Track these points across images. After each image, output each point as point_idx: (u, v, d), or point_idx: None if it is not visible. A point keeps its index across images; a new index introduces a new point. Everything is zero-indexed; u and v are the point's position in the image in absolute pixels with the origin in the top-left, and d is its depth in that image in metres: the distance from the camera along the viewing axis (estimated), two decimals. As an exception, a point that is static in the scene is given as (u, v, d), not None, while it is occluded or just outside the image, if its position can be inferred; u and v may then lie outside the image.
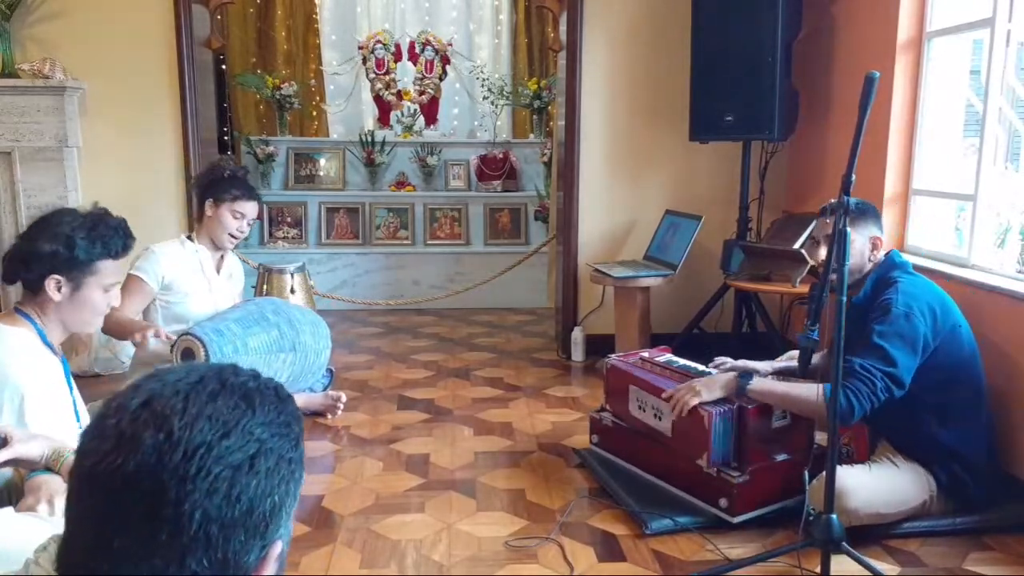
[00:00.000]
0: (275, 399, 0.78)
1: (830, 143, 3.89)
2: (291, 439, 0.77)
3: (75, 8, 4.06)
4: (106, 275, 1.91)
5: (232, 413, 0.73)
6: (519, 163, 6.26)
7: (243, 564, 0.72)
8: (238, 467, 0.71)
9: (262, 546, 0.73)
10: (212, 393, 0.74)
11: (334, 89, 6.86)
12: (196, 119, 4.20)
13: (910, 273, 2.44)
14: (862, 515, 2.28)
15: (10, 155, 3.99)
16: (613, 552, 2.30)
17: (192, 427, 0.70)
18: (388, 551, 2.31)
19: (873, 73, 1.94)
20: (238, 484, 0.70)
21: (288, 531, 0.78)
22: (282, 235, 5.91)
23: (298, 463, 0.77)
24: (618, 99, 4.25)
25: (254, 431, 0.73)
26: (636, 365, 2.81)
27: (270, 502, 0.73)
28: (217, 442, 0.70)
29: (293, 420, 0.78)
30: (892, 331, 2.29)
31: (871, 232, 2.45)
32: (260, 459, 0.72)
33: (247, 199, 3.15)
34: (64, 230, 1.84)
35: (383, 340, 4.82)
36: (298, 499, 0.79)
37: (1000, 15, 2.85)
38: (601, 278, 4.02)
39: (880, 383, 2.24)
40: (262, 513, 0.72)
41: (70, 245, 1.83)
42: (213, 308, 3.16)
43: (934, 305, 2.36)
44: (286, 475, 0.75)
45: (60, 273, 1.84)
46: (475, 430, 3.29)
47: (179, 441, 0.69)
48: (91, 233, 1.87)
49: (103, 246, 1.88)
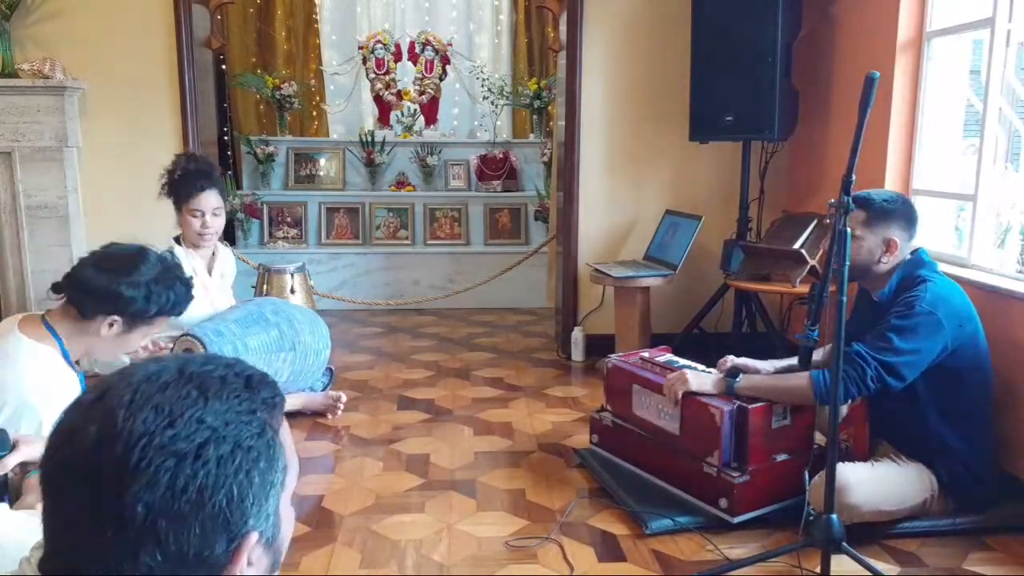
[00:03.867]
0: (242, 388, 0.74)
1: (830, 143, 3.89)
2: (254, 425, 0.73)
3: (75, 8, 4.06)
4: (158, 327, 1.97)
5: (180, 402, 0.70)
6: (519, 163, 6.25)
7: (209, 558, 0.69)
8: (183, 456, 0.67)
9: (229, 539, 0.70)
10: (163, 384, 0.71)
11: (334, 89, 6.86)
12: (196, 119, 4.20)
13: (937, 273, 2.41)
14: (863, 511, 2.28)
15: (10, 155, 3.99)
16: (613, 552, 2.30)
17: (135, 417, 0.68)
18: (388, 551, 2.31)
19: (873, 73, 1.94)
20: (183, 474, 0.67)
21: (271, 524, 0.74)
22: (282, 235, 5.91)
23: (264, 452, 0.73)
24: (618, 99, 4.25)
25: (204, 419, 0.70)
26: (638, 365, 2.81)
27: (225, 492, 0.69)
28: (160, 432, 0.68)
29: (261, 406, 0.75)
30: (907, 326, 2.27)
31: (888, 234, 2.38)
32: (209, 448, 0.69)
33: (197, 194, 3.06)
34: (145, 279, 1.86)
35: (383, 340, 4.82)
36: (277, 488, 0.75)
37: (1000, 15, 2.85)
38: (601, 278, 4.02)
39: (871, 371, 2.24)
40: (216, 504, 0.68)
41: (148, 298, 1.86)
42: (212, 310, 3.16)
43: (960, 311, 2.33)
44: (245, 464, 0.71)
45: (122, 316, 1.86)
46: (475, 430, 3.29)
47: (120, 432, 0.67)
48: (169, 291, 1.90)
49: (173, 304, 1.93)
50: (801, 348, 2.18)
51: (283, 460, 0.76)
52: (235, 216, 5.75)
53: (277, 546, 0.77)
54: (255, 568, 0.74)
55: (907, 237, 2.42)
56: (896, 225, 2.39)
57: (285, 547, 0.80)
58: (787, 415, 2.44)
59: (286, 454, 0.78)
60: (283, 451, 0.77)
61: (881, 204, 2.39)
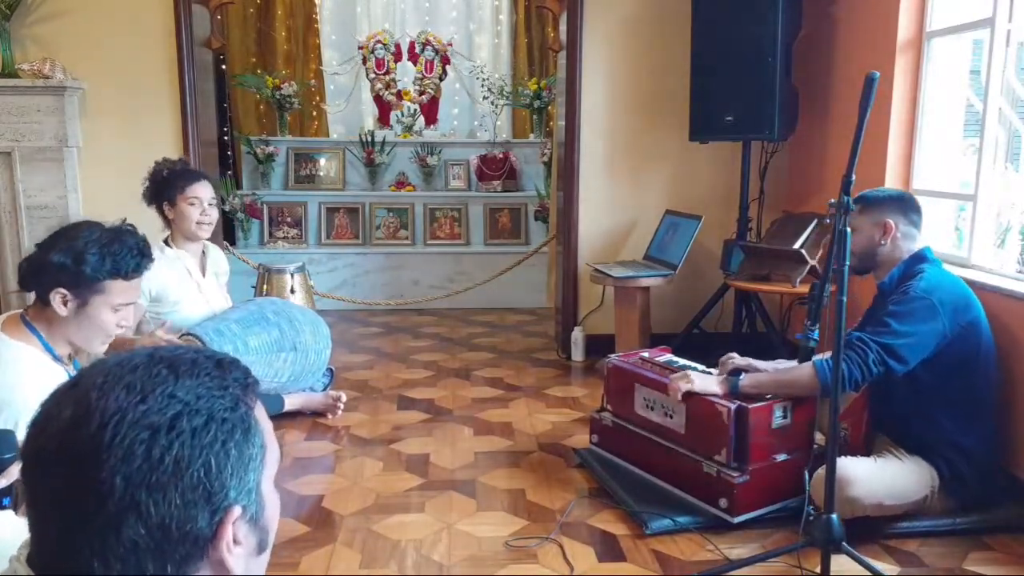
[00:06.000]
0: (212, 367, 0.76)
1: (830, 143, 3.89)
2: (227, 400, 0.74)
3: (75, 8, 4.06)
4: (115, 295, 1.84)
5: (151, 380, 0.71)
6: (519, 163, 6.26)
7: (191, 532, 0.70)
8: (156, 429, 0.69)
9: (212, 511, 0.71)
10: (134, 366, 0.73)
11: (334, 89, 6.86)
12: (196, 119, 4.20)
13: (938, 268, 2.47)
14: (865, 505, 2.28)
15: (10, 155, 4.00)
16: (613, 552, 2.30)
17: (107, 397, 0.70)
18: (388, 551, 2.31)
19: (873, 73, 1.95)
20: (158, 446, 0.68)
21: (253, 500, 0.75)
22: (282, 235, 5.91)
23: (239, 424, 0.74)
24: (618, 99, 4.25)
25: (176, 394, 0.71)
26: (638, 365, 2.81)
27: (202, 463, 0.70)
28: (132, 407, 0.69)
29: (233, 384, 0.76)
30: (903, 310, 2.33)
31: (882, 217, 2.46)
32: (183, 420, 0.70)
33: (194, 182, 3.11)
34: (78, 244, 1.78)
35: (383, 340, 4.82)
36: (257, 463, 0.75)
37: (1000, 15, 2.85)
38: (601, 278, 4.02)
39: (873, 354, 2.27)
40: (195, 475, 0.69)
41: (79, 260, 1.77)
42: (209, 310, 3.15)
43: (956, 297, 2.39)
44: (220, 435, 0.72)
45: (66, 288, 1.78)
46: (475, 430, 3.29)
47: (94, 411, 0.69)
48: (104, 249, 1.80)
49: (113, 264, 1.81)
50: (801, 348, 2.18)
51: (261, 438, 0.77)
52: (235, 216, 5.76)
53: (263, 525, 0.78)
54: (243, 547, 0.74)
55: (905, 222, 2.48)
56: (889, 209, 2.47)
57: (272, 528, 0.80)
58: (787, 414, 2.45)
59: (263, 434, 0.78)
60: (260, 428, 0.77)
61: (873, 195, 2.51)
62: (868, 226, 2.47)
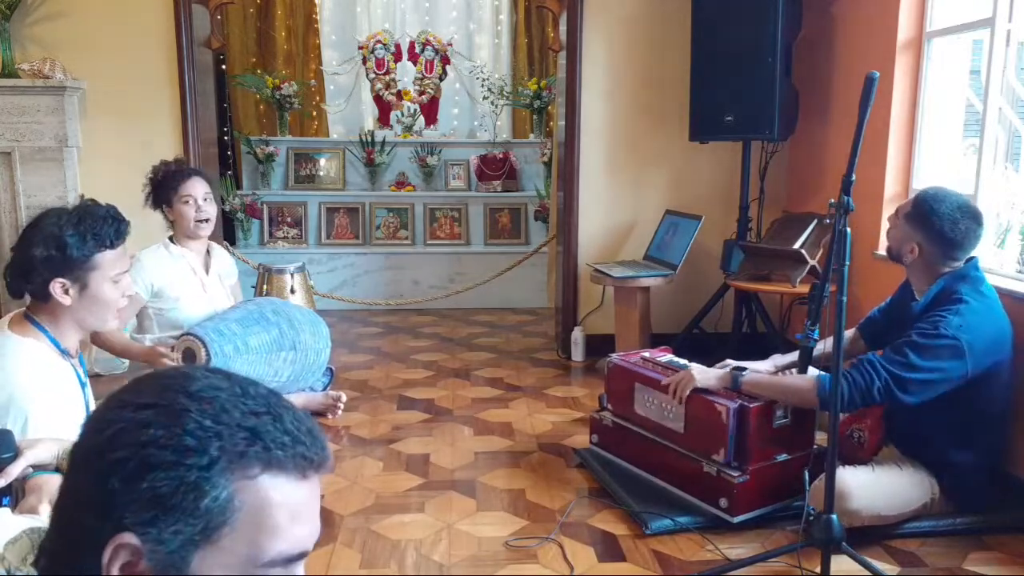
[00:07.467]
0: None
1: (830, 143, 3.89)
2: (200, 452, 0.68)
3: (75, 8, 4.06)
4: (109, 267, 1.84)
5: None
6: (519, 163, 6.25)
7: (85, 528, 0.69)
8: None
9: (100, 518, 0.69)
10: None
11: (334, 89, 6.86)
12: (196, 119, 4.20)
13: (980, 293, 2.30)
14: (863, 516, 2.28)
15: (10, 155, 3.99)
16: (613, 552, 2.30)
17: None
18: (388, 551, 2.31)
19: (873, 73, 1.94)
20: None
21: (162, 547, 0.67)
22: (282, 235, 5.91)
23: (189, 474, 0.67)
24: (618, 99, 4.25)
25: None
26: (639, 364, 2.81)
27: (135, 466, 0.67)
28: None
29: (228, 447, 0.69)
30: (927, 345, 2.21)
31: (916, 238, 2.33)
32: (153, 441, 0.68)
33: (184, 180, 3.11)
34: (52, 231, 1.77)
35: (383, 340, 4.82)
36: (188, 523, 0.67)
37: (1000, 15, 2.85)
38: (601, 278, 4.02)
39: (880, 383, 2.21)
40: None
41: (61, 246, 1.77)
42: (211, 308, 3.15)
43: (988, 339, 2.25)
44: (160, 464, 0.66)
45: (62, 276, 1.78)
46: (475, 430, 3.29)
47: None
48: (79, 228, 1.79)
49: (95, 238, 1.81)
50: (801, 348, 2.18)
51: (216, 511, 0.67)
52: (235, 216, 5.76)
53: None
54: None
55: (938, 253, 2.33)
56: (927, 236, 2.32)
57: None
58: (787, 414, 2.45)
59: (233, 513, 0.68)
60: (223, 503, 0.67)
61: (925, 209, 2.31)
62: (906, 232, 2.36)
